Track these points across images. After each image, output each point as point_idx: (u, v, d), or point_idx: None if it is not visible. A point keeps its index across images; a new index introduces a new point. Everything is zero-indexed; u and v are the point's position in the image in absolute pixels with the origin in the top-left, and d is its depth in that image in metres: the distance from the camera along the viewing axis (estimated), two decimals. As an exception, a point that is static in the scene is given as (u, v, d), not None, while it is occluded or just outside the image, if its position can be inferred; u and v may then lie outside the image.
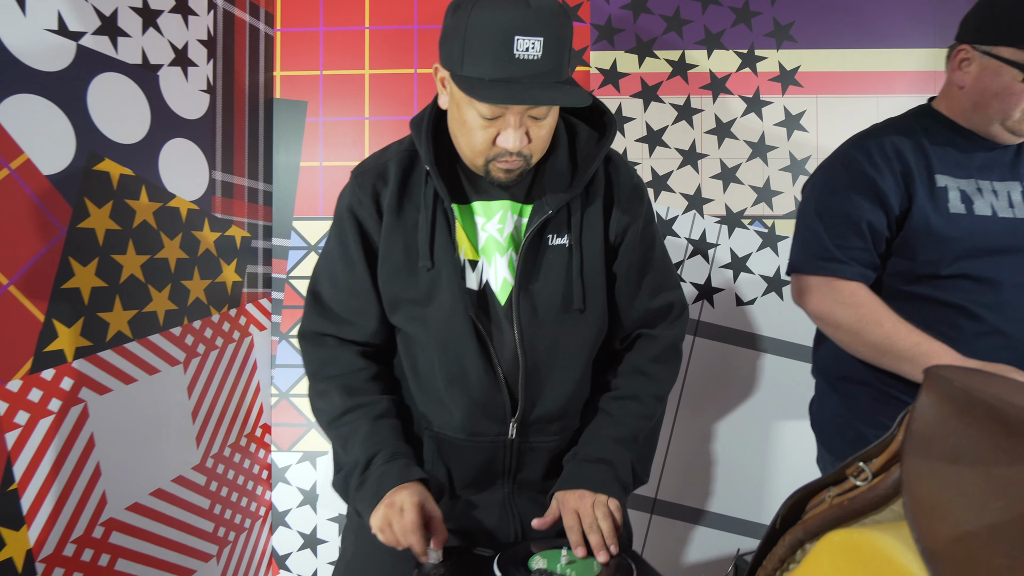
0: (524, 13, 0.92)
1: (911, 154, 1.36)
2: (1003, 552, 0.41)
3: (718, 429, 2.14)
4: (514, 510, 1.14)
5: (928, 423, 0.49)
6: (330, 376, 1.13)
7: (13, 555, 1.34)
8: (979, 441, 0.47)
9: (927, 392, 0.51)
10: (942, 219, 1.31)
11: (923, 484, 0.46)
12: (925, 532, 0.44)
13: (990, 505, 0.44)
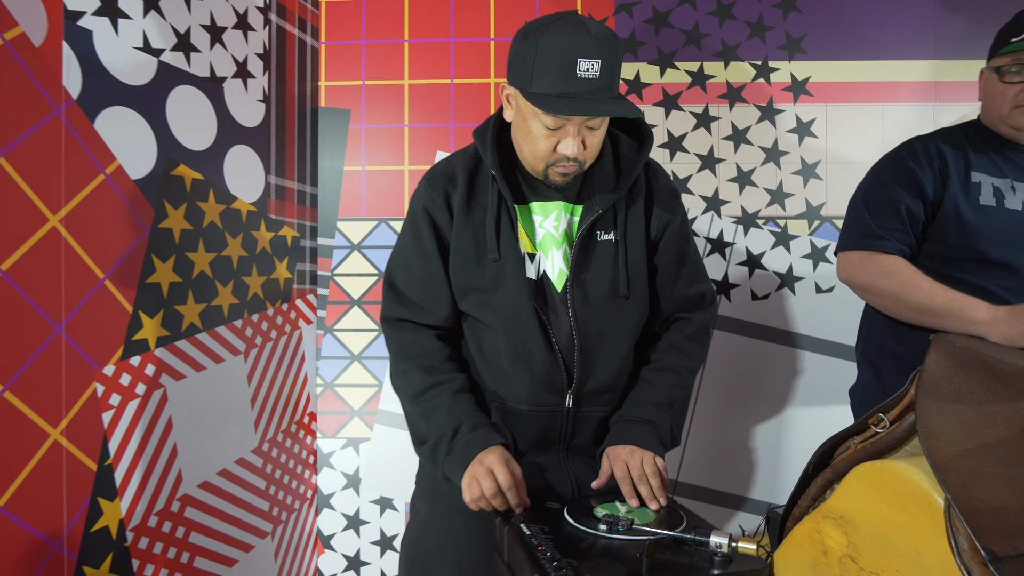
0: (585, 39, 1.07)
1: (951, 154, 1.53)
2: (989, 463, 0.56)
3: (734, 415, 2.28)
4: (569, 472, 1.28)
5: (936, 373, 0.64)
6: (410, 356, 1.27)
7: (109, 523, 1.49)
8: (974, 386, 0.62)
9: (935, 351, 0.66)
10: (972, 209, 1.47)
11: (932, 417, 0.61)
12: (933, 451, 0.59)
13: (981, 432, 0.59)
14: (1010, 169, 1.51)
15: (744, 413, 2.27)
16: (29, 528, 1.29)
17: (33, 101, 1.29)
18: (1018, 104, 1.47)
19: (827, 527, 0.73)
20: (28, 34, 1.28)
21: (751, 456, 2.25)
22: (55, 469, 1.35)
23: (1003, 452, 0.57)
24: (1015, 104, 1.47)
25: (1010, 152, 1.53)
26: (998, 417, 0.59)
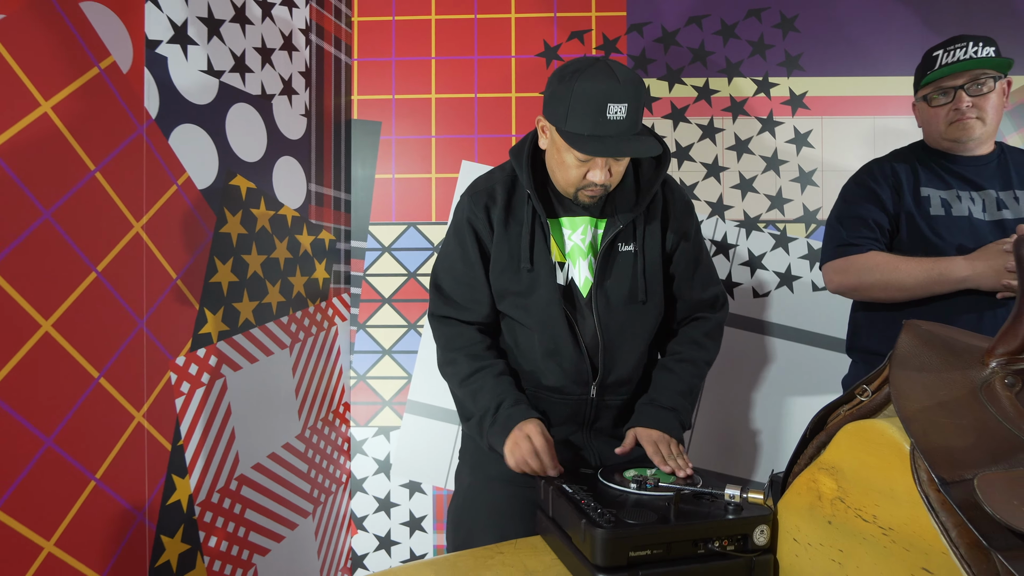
0: (615, 85, 1.21)
1: (903, 172, 1.74)
2: (943, 416, 0.74)
3: (737, 403, 2.46)
4: (592, 449, 1.44)
5: (905, 350, 0.81)
6: (456, 348, 1.43)
7: (181, 498, 1.66)
8: (935, 359, 0.79)
9: (905, 333, 0.84)
10: (924, 220, 1.68)
11: (901, 383, 0.78)
12: (902, 407, 0.76)
13: (938, 393, 0.76)
14: (954, 181, 1.71)
15: (746, 401, 2.44)
16: (119, 499, 1.46)
17: (121, 122, 1.46)
18: (950, 120, 1.68)
19: (821, 476, 0.91)
20: (118, 62, 1.45)
21: (753, 440, 2.43)
22: (139, 448, 1.51)
23: (954, 407, 0.75)
24: (948, 121, 1.69)
25: (952, 165, 1.73)
26: (952, 382, 0.77)
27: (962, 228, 1.65)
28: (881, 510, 0.80)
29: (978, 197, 1.67)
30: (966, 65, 1.64)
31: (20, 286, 1.22)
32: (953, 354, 0.80)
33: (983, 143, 1.71)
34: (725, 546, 0.96)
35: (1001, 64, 1.64)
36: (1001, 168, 1.73)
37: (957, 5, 2.39)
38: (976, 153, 1.71)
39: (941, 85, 1.68)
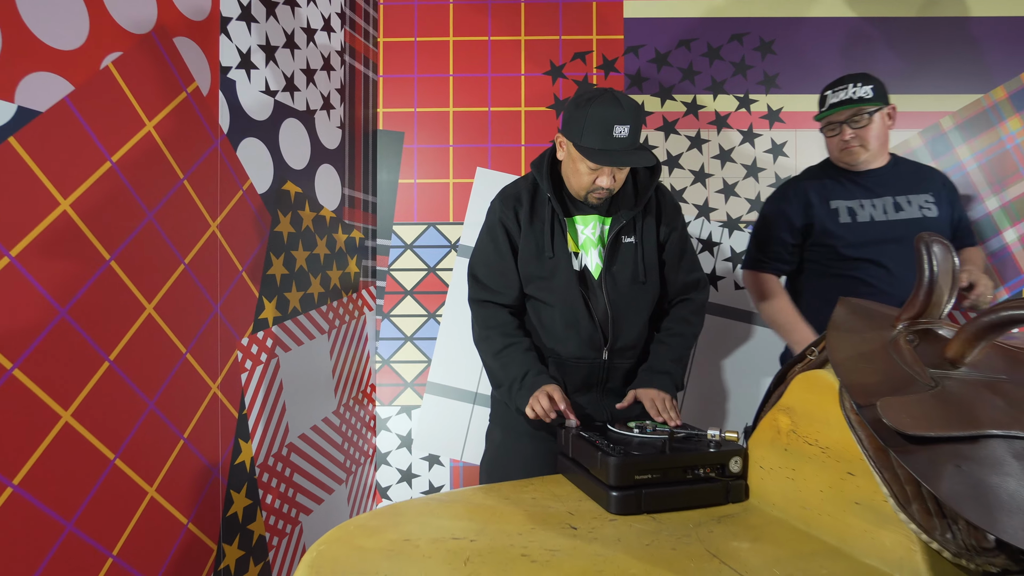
0: (620, 111, 1.51)
1: (812, 189, 2.09)
2: (862, 363, 1.02)
3: (721, 379, 2.74)
4: (604, 407, 1.72)
5: (839, 317, 1.10)
6: (491, 326, 1.70)
7: (245, 459, 1.93)
8: (859, 323, 1.08)
9: (840, 305, 1.12)
10: (835, 227, 2.03)
11: (834, 340, 1.06)
12: (833, 357, 1.05)
13: (860, 347, 1.05)
14: (857, 191, 2.05)
15: (729, 375, 2.73)
16: (201, 456, 1.72)
17: (202, 137, 1.73)
18: (839, 148, 2.05)
19: (779, 416, 1.19)
20: (200, 87, 1.72)
21: (733, 404, 2.73)
22: (214, 414, 1.78)
23: (870, 357, 1.03)
24: (838, 148, 2.05)
25: (855, 178, 2.07)
26: (870, 339, 1.05)
27: (867, 231, 2.01)
28: (821, 435, 1.08)
29: (878, 203, 2.01)
30: (846, 105, 2.00)
31: (132, 277, 1.48)
32: (872, 320, 1.09)
33: (872, 161, 2.05)
34: (708, 472, 1.24)
35: (877, 101, 1.98)
36: (894, 177, 2.07)
37: (915, 28, 2.69)
38: (871, 167, 2.06)
39: (830, 120, 2.04)
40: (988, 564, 0.91)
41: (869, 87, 1.99)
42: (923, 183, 2.09)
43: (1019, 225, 2.70)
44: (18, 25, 1.22)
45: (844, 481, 1.04)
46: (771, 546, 1.05)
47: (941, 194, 2.09)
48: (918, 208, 2.05)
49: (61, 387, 1.31)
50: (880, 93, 2.01)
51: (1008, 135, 2.69)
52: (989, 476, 0.88)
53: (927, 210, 2.05)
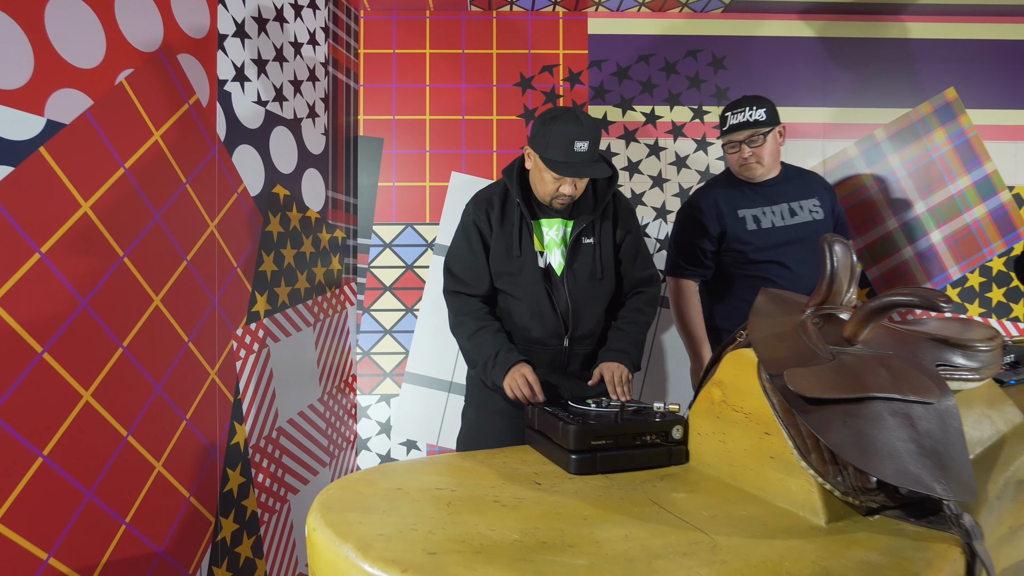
0: (580, 128, 1.69)
1: (721, 199, 2.31)
2: (776, 341, 1.23)
3: (676, 363, 2.96)
4: (566, 387, 1.90)
5: (759, 305, 1.31)
6: (465, 313, 1.88)
7: (239, 440, 2.08)
8: (775, 309, 1.29)
9: (761, 295, 1.33)
10: (744, 233, 2.25)
11: (754, 323, 1.27)
12: (753, 338, 1.25)
13: (775, 329, 1.26)
14: (759, 199, 2.27)
15: (683, 362, 2.95)
16: (201, 436, 1.88)
17: (202, 144, 1.88)
18: (739, 164, 2.27)
19: (713, 388, 1.39)
20: (200, 98, 1.87)
21: (688, 388, 2.95)
22: (212, 398, 1.93)
23: (783, 337, 1.24)
24: (738, 164, 2.27)
25: (755, 187, 2.30)
26: (783, 322, 1.26)
27: (770, 236, 2.25)
28: (745, 403, 1.29)
29: (776, 209, 2.25)
30: (744, 127, 2.22)
31: (142, 272, 1.64)
32: (787, 305, 1.30)
33: (767, 174, 2.29)
34: (653, 439, 1.43)
35: (769, 123, 2.20)
36: (786, 185, 2.31)
37: (851, 48, 2.94)
38: (766, 178, 2.29)
39: (730, 139, 2.25)
40: (870, 501, 1.12)
41: (763, 110, 2.21)
42: (809, 189, 2.33)
43: (944, 227, 2.96)
44: (47, 46, 1.37)
45: (762, 440, 1.25)
46: (703, 496, 1.25)
47: (824, 197, 2.34)
48: (808, 212, 2.29)
49: (83, 370, 1.46)
50: (772, 115, 2.23)
51: (934, 146, 2.95)
52: (869, 429, 1.09)
53: (816, 213, 2.29)
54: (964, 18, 2.96)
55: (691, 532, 1.07)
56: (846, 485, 1.12)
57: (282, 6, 2.28)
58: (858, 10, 2.89)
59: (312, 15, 2.49)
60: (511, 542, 0.97)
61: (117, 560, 1.56)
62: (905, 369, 1.21)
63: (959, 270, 2.98)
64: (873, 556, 1.00)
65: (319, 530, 0.92)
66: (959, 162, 2.96)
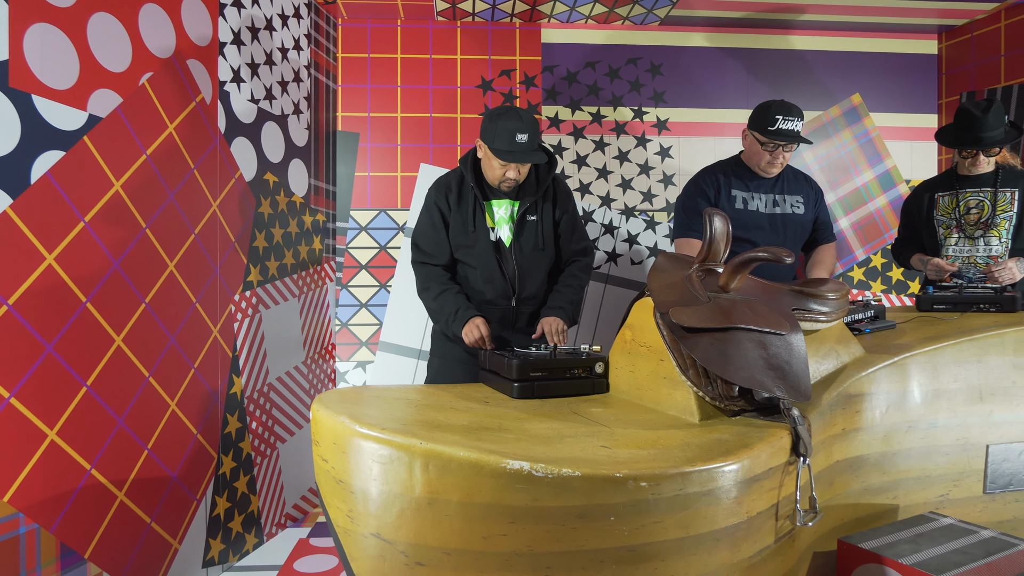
0: (521, 123, 2.00)
1: (721, 179, 2.54)
2: (668, 289, 1.60)
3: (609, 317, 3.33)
4: (514, 341, 2.25)
5: (659, 263, 1.66)
6: (430, 279, 2.18)
7: (236, 391, 2.39)
8: (669, 266, 1.65)
9: (660, 256, 1.70)
10: (731, 209, 2.53)
11: (652, 277, 1.63)
12: (651, 286, 1.61)
13: (668, 280, 1.62)
14: (753, 185, 2.55)
15: (616, 317, 3.32)
16: (206, 384, 2.19)
17: (206, 136, 2.19)
18: (768, 162, 2.48)
19: (626, 330, 1.75)
20: (204, 97, 2.18)
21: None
22: (215, 352, 2.24)
23: (672, 286, 1.60)
24: (767, 162, 2.48)
25: (752, 177, 2.56)
26: (674, 275, 1.63)
27: (751, 217, 2.53)
28: (647, 339, 1.64)
29: (764, 197, 2.57)
30: (792, 137, 2.38)
31: (160, 242, 1.94)
32: (679, 263, 1.66)
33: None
34: (580, 373, 1.78)
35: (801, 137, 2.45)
36: (779, 180, 2.60)
37: (772, 58, 3.33)
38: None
39: (773, 140, 2.41)
40: (733, 405, 1.48)
41: (801, 122, 2.43)
42: (797, 187, 2.60)
43: (851, 214, 3.38)
44: (88, 55, 1.68)
45: (658, 365, 1.60)
46: (613, 409, 1.61)
47: (809, 197, 2.61)
48: (790, 206, 2.60)
49: (116, 320, 1.77)
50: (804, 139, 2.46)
51: (842, 143, 3.37)
52: (730, 349, 1.45)
53: (796, 208, 2.58)
54: (867, 34, 3.37)
55: (597, 426, 1.42)
56: (715, 393, 1.48)
57: (271, 16, 2.59)
58: (776, 25, 3.28)
59: (296, 23, 2.80)
60: (461, 426, 1.31)
61: (142, 479, 1.87)
62: (765, 310, 1.58)
63: (864, 252, 3.40)
64: (726, 436, 1.36)
65: (321, 410, 1.25)
66: (864, 158, 3.38)
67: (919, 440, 1.77)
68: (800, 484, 1.43)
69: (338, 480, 1.20)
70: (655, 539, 1.15)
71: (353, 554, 1.19)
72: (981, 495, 1.86)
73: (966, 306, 2.19)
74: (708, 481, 1.19)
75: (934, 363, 1.80)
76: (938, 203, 2.59)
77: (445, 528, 1.11)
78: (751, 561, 1.28)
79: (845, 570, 1.54)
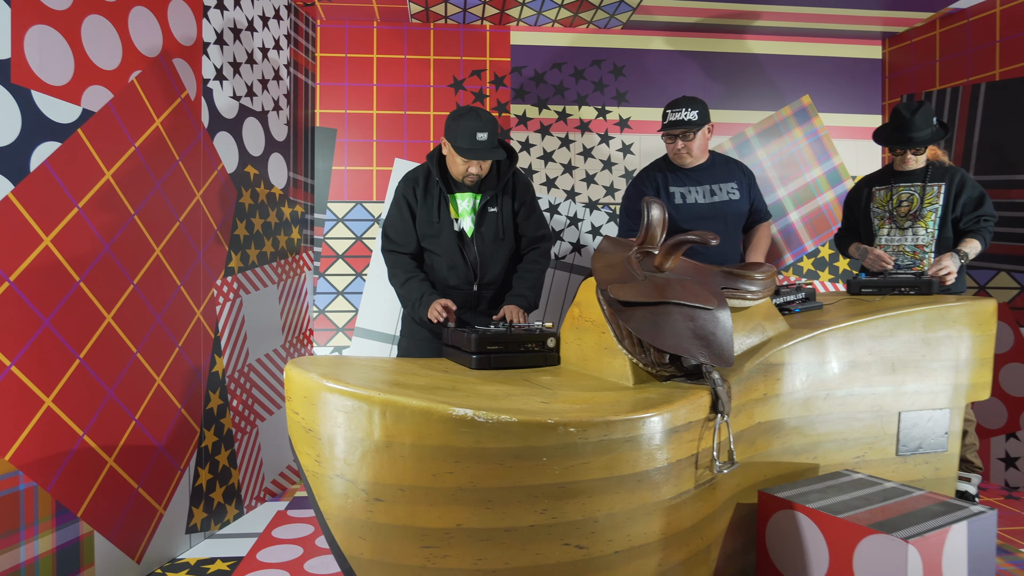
0: (481, 123, 2.15)
1: (659, 177, 2.74)
2: (609, 269, 1.78)
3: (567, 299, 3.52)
4: (476, 322, 2.43)
5: (602, 247, 1.84)
6: (398, 266, 2.34)
7: (218, 369, 2.53)
8: (612, 249, 1.83)
9: (604, 240, 1.87)
10: (671, 206, 2.72)
11: (595, 258, 1.80)
12: (594, 267, 1.79)
13: (609, 261, 1.80)
14: (687, 180, 2.74)
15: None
16: (190, 361, 2.33)
17: (190, 130, 2.33)
18: (673, 154, 2.69)
19: (574, 308, 1.92)
20: (189, 94, 2.32)
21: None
22: (198, 332, 2.39)
23: (614, 266, 1.78)
24: (673, 154, 2.70)
25: (685, 171, 2.74)
26: (616, 256, 1.81)
27: (691, 210, 2.72)
28: (591, 314, 1.82)
29: (700, 189, 2.77)
30: (678, 124, 2.63)
31: (148, 227, 2.09)
32: (620, 246, 1.84)
33: (696, 161, 2.72)
34: (533, 347, 1.96)
35: (700, 123, 2.65)
36: (711, 170, 2.79)
37: (728, 61, 3.53)
38: (695, 165, 2.77)
39: (668, 133, 2.67)
40: (664, 371, 1.66)
41: (695, 111, 2.65)
42: (730, 175, 2.79)
43: (801, 208, 3.59)
44: (83, 54, 1.82)
45: (600, 337, 1.78)
46: (561, 377, 1.78)
47: (742, 182, 2.83)
48: (726, 194, 2.82)
49: (107, 299, 1.92)
50: (703, 115, 2.66)
51: (793, 142, 3.57)
52: (661, 321, 1.63)
53: (732, 195, 2.80)
54: (817, 39, 3.58)
55: (543, 389, 1.59)
56: (648, 360, 1.66)
57: (252, 18, 2.74)
58: (731, 30, 3.47)
59: (276, 24, 2.95)
60: (420, 386, 1.48)
61: (130, 446, 2.02)
62: (695, 287, 1.76)
63: (813, 243, 3.60)
64: (653, 395, 1.53)
65: (293, 370, 1.41)
66: (813, 156, 3.58)
67: (837, 406, 1.97)
68: (720, 440, 1.61)
69: (308, 429, 1.36)
70: (582, 478, 1.32)
71: (321, 494, 1.36)
72: (894, 456, 2.06)
73: (890, 289, 2.40)
74: (630, 429, 1.37)
75: (851, 338, 1.99)
76: (875, 196, 2.80)
77: (400, 468, 1.28)
78: (672, 502, 1.46)
79: (764, 517, 1.73)
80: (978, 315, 2.14)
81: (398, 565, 1.31)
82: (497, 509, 1.29)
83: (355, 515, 1.32)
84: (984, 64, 3.07)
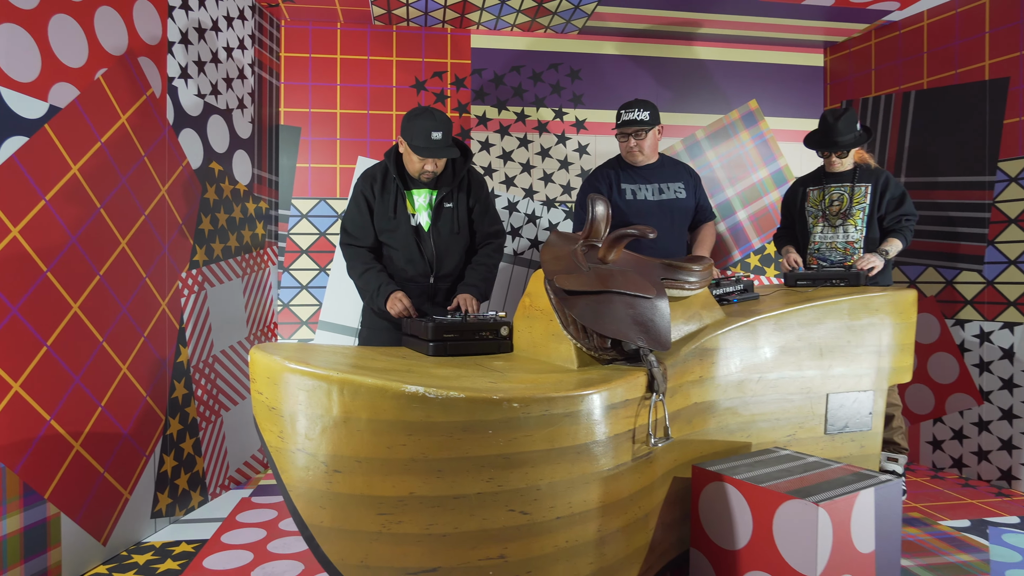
0: (435, 122, 2.24)
1: (611, 175, 2.86)
2: (556, 260, 1.90)
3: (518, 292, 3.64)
4: (432, 312, 2.53)
5: (550, 240, 1.96)
6: (356, 259, 2.41)
7: (183, 360, 2.59)
8: (560, 242, 1.95)
9: (553, 234, 1.99)
10: (623, 203, 2.86)
11: (544, 250, 1.92)
12: (542, 258, 1.91)
13: (557, 253, 1.92)
14: (637, 178, 2.87)
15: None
16: (156, 353, 2.39)
17: (155, 127, 2.39)
18: (626, 152, 2.83)
19: (525, 298, 2.03)
20: (154, 91, 2.38)
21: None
22: (163, 323, 2.44)
23: (561, 258, 1.90)
24: (625, 151, 2.83)
25: (637, 169, 2.87)
26: (563, 249, 1.93)
27: (640, 206, 2.86)
28: (541, 303, 1.94)
29: (649, 187, 2.91)
30: (631, 124, 2.77)
31: (113, 220, 2.14)
32: (567, 239, 1.96)
33: (647, 160, 2.86)
34: (487, 335, 2.07)
35: (651, 123, 2.79)
36: (660, 170, 2.93)
37: (678, 67, 3.68)
38: (646, 164, 2.92)
39: (622, 131, 2.82)
40: (606, 355, 1.78)
41: (647, 112, 2.78)
42: (678, 175, 2.93)
43: (748, 207, 3.76)
44: (49, 52, 1.88)
45: (548, 324, 1.90)
46: (512, 362, 1.89)
47: (689, 183, 2.99)
48: (673, 192, 2.97)
49: (73, 289, 1.97)
50: (654, 117, 2.80)
51: (740, 144, 3.74)
52: (602, 308, 1.75)
53: (679, 194, 2.96)
54: (763, 47, 3.76)
55: (493, 372, 1.70)
56: (591, 345, 1.78)
57: (217, 18, 2.80)
58: (680, 37, 3.62)
59: (241, 25, 3.01)
60: (378, 369, 1.57)
61: (96, 432, 2.07)
62: (636, 278, 1.89)
63: (759, 241, 3.78)
64: (593, 376, 1.65)
65: (257, 353, 1.50)
66: (759, 157, 3.76)
67: (769, 388, 2.12)
68: (656, 416, 1.74)
69: (271, 407, 1.45)
70: (525, 449, 1.44)
71: (284, 468, 1.45)
72: (823, 435, 2.22)
73: (822, 281, 2.57)
74: (569, 405, 1.49)
75: (782, 325, 2.14)
76: (809, 196, 2.97)
77: (356, 441, 1.38)
78: (610, 473, 1.58)
79: (697, 489, 1.86)
80: (899, 304, 2.32)
81: (356, 531, 1.41)
82: (447, 478, 1.40)
83: (316, 486, 1.41)
84: (913, 74, 3.27)
